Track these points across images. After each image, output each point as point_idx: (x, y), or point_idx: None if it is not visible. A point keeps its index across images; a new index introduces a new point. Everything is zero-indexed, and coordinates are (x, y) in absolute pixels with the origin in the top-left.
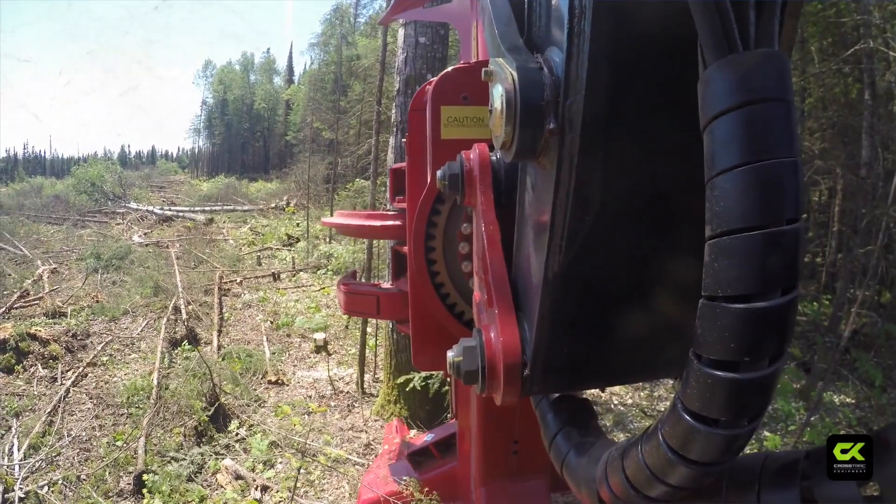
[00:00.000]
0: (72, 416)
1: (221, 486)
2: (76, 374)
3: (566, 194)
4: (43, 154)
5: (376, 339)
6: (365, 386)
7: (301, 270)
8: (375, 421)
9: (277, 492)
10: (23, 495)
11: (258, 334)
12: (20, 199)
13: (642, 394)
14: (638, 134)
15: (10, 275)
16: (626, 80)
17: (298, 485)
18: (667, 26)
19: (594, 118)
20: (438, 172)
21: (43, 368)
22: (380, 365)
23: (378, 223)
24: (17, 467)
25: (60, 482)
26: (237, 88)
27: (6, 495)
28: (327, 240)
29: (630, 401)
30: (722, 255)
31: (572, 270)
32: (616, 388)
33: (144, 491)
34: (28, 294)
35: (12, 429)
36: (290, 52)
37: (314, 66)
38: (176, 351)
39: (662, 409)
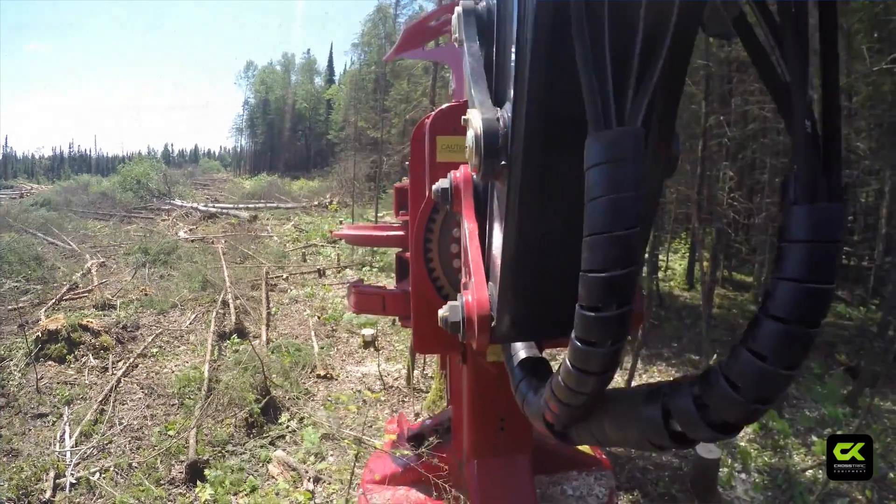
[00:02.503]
0: (123, 405)
1: (273, 477)
2: (127, 365)
3: (515, 204)
4: (88, 153)
5: None
6: (414, 381)
7: (346, 267)
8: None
9: (330, 483)
10: (74, 481)
11: (306, 329)
12: (67, 195)
13: None
14: (558, 169)
15: (59, 268)
16: (552, 135)
17: (350, 476)
18: (578, 106)
19: (529, 158)
20: (434, 186)
21: (94, 358)
22: (429, 361)
23: (384, 233)
24: (68, 454)
25: (112, 469)
26: (278, 88)
27: (58, 481)
28: None
29: None
30: (589, 247)
31: (521, 253)
32: None
33: (206, 479)
34: (77, 287)
35: (64, 417)
36: (331, 53)
37: (355, 66)
38: (225, 344)
39: None
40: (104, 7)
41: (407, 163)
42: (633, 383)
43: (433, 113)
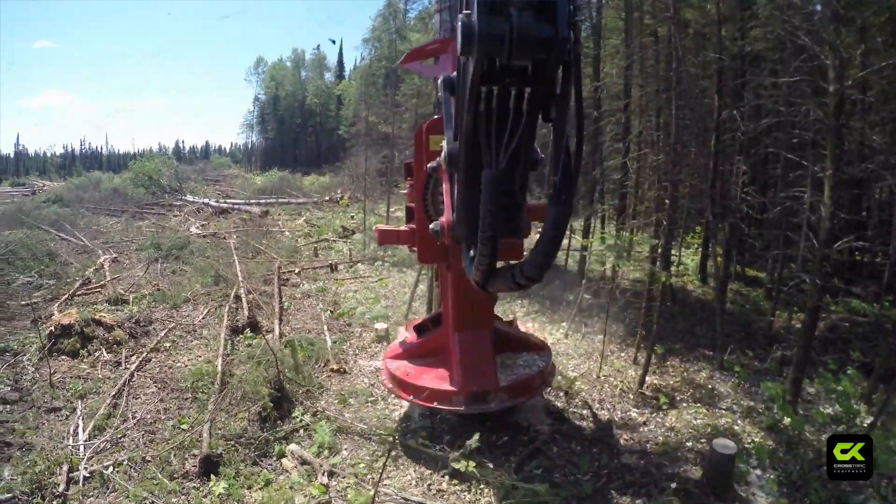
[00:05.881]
0: (136, 399)
1: (287, 471)
2: (140, 359)
3: (461, 183)
4: (99, 150)
5: None
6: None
7: (358, 262)
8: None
9: (344, 477)
10: (87, 475)
11: (318, 323)
12: (79, 192)
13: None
14: (476, 171)
15: (72, 263)
16: (472, 160)
17: (364, 470)
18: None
19: (466, 165)
20: (431, 163)
21: (107, 353)
22: None
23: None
24: (81, 448)
25: (125, 463)
26: (288, 85)
27: (71, 474)
28: None
29: None
30: (483, 210)
31: (462, 203)
32: None
33: (219, 472)
34: (90, 282)
35: (77, 411)
36: (340, 49)
37: (365, 61)
38: (238, 338)
39: None
40: (112, 4)
41: (407, 160)
42: (648, 379)
43: (428, 121)
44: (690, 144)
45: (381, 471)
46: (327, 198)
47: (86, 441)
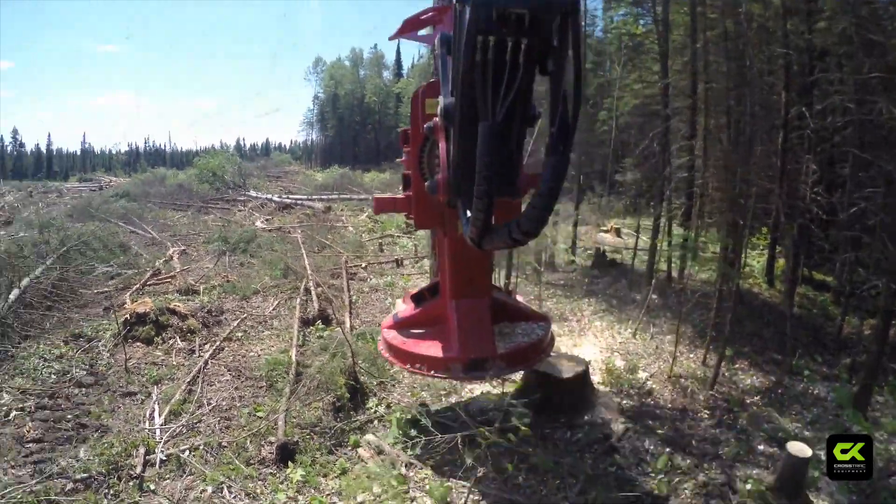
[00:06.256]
0: (210, 386)
1: (363, 461)
2: (213, 348)
3: (455, 139)
4: (163, 147)
5: None
6: None
7: (424, 257)
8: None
9: (421, 469)
10: (164, 457)
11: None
12: (145, 187)
13: None
14: (472, 125)
15: (142, 255)
16: (468, 112)
17: (439, 461)
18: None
19: (463, 119)
20: (428, 124)
21: (181, 341)
22: None
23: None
24: (157, 431)
25: (201, 447)
26: (347, 83)
27: (148, 457)
28: None
29: None
30: (478, 163)
31: (457, 160)
32: None
33: (296, 460)
34: (160, 272)
35: (152, 395)
36: (398, 47)
37: (423, 59)
38: (308, 330)
39: None
40: (172, 8)
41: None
42: (718, 381)
43: (423, 85)
44: (757, 142)
45: (471, 470)
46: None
47: (162, 425)
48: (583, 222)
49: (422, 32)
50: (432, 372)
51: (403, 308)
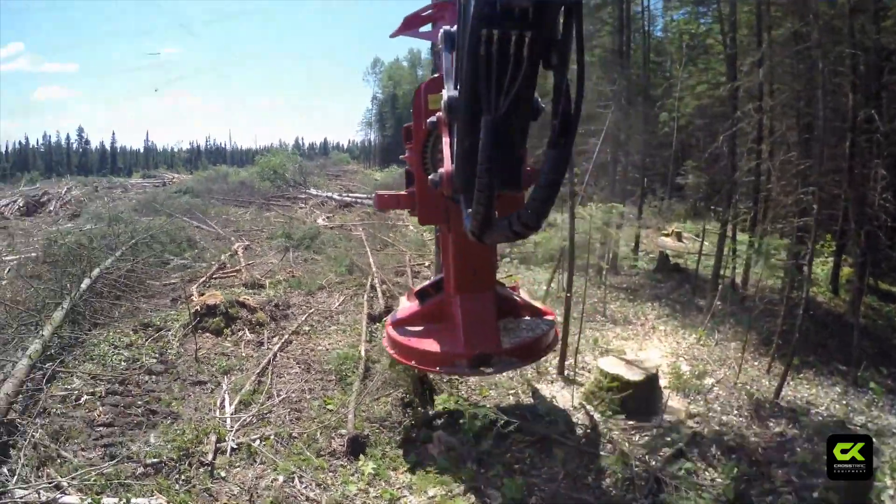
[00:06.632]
0: (280, 378)
1: (432, 456)
2: (282, 341)
3: (462, 127)
4: (223, 146)
5: (580, 326)
6: (566, 371)
7: None
8: (575, 408)
9: (492, 466)
10: (235, 446)
11: None
12: (208, 184)
13: None
14: (476, 118)
15: (208, 249)
16: (471, 106)
17: (511, 460)
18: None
19: (466, 113)
20: (431, 118)
21: (250, 333)
22: (583, 350)
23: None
24: (228, 420)
25: (272, 437)
26: (406, 84)
27: (219, 444)
28: None
29: None
30: (481, 156)
31: (461, 154)
32: None
33: (366, 453)
34: (225, 266)
35: (222, 385)
36: None
37: None
38: (375, 326)
39: None
40: (230, 9)
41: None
42: (784, 390)
43: (426, 81)
44: (826, 146)
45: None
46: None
47: (232, 414)
48: (643, 225)
49: (423, 29)
50: (437, 368)
51: (408, 305)
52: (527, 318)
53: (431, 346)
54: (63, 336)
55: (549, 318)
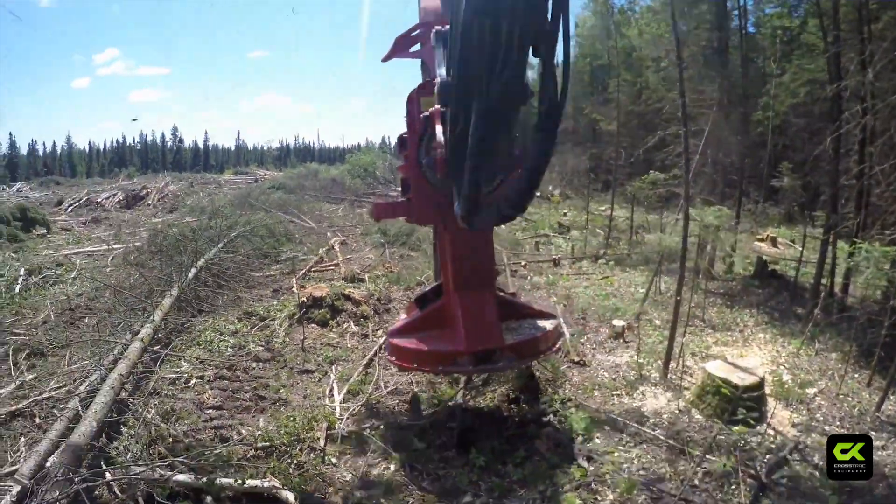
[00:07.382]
0: (386, 370)
1: (541, 452)
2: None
3: (453, 111)
4: (311, 144)
5: (685, 330)
6: (668, 375)
7: (582, 258)
8: (680, 413)
9: (602, 464)
10: (345, 434)
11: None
12: (300, 180)
13: None
14: (468, 109)
15: (305, 243)
16: (464, 96)
17: (620, 458)
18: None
19: (457, 105)
20: (425, 113)
21: (354, 325)
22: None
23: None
24: (337, 408)
25: (381, 427)
26: None
27: (329, 431)
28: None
29: None
30: (472, 141)
31: (453, 142)
32: None
33: (475, 445)
34: (322, 260)
35: (329, 374)
36: None
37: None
38: None
39: None
40: (317, 12)
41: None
42: (885, 404)
43: (418, 85)
44: None
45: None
46: (538, 194)
47: (341, 403)
48: (739, 230)
49: (413, 49)
50: (440, 368)
51: (405, 318)
52: (531, 319)
53: (432, 346)
54: (170, 321)
55: (554, 318)
